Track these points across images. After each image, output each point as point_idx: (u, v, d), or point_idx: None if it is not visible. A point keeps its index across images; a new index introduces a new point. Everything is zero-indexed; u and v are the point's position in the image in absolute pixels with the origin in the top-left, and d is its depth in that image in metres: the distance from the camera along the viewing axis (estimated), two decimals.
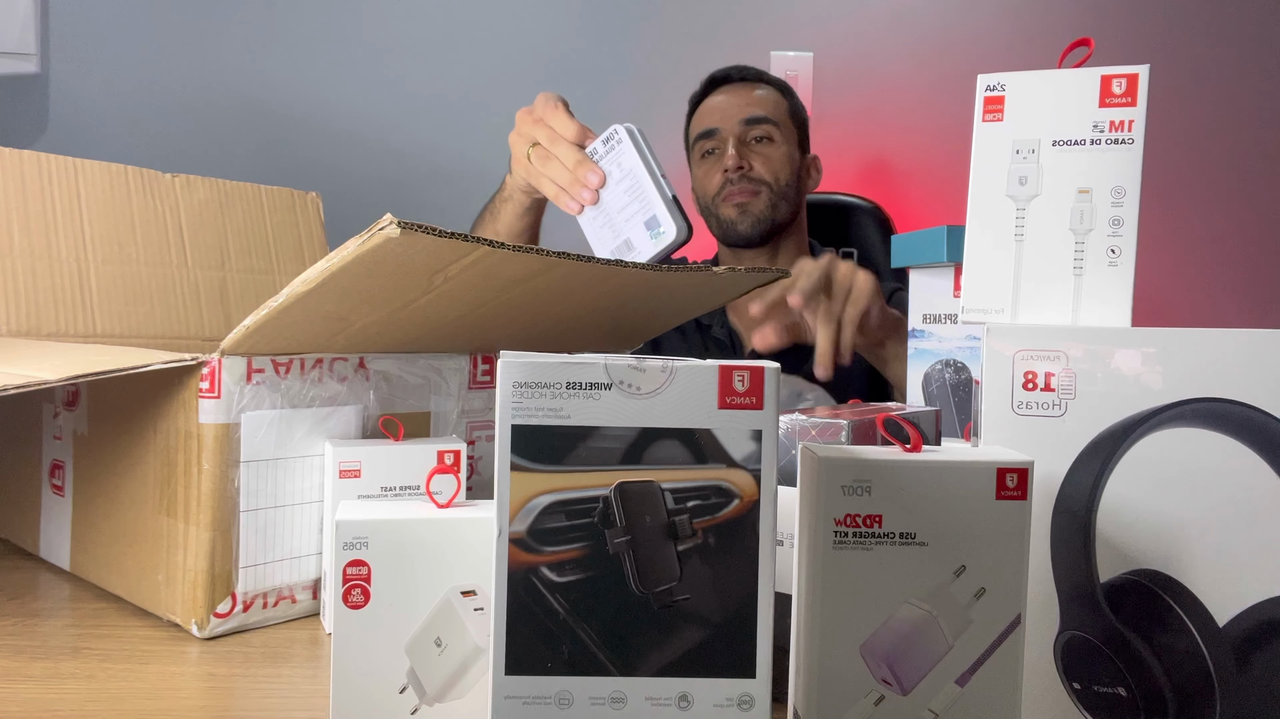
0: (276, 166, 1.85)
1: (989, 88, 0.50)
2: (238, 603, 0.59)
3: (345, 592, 0.43)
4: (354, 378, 0.64)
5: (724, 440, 0.35)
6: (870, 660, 0.36)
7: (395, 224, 0.47)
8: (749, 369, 0.35)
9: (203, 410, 0.57)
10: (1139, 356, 0.44)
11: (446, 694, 0.44)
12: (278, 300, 0.53)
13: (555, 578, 0.35)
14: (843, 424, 0.48)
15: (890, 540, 0.36)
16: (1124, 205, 0.48)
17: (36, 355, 0.65)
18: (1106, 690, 0.44)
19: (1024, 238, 0.49)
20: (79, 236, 0.87)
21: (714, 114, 1.41)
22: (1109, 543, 0.43)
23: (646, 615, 0.35)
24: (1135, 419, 0.43)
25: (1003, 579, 0.36)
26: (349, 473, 0.58)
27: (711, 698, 0.35)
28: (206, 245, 0.97)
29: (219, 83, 1.90)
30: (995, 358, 0.45)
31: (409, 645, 0.43)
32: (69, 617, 0.62)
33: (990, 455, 0.37)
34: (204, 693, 0.50)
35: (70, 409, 0.70)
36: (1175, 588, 0.43)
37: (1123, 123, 0.48)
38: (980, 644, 0.36)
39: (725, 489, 0.35)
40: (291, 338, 0.58)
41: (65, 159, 0.89)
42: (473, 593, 0.43)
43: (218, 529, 0.57)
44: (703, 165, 1.42)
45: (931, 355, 0.80)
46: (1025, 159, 0.49)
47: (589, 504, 0.35)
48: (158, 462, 0.61)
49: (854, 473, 0.36)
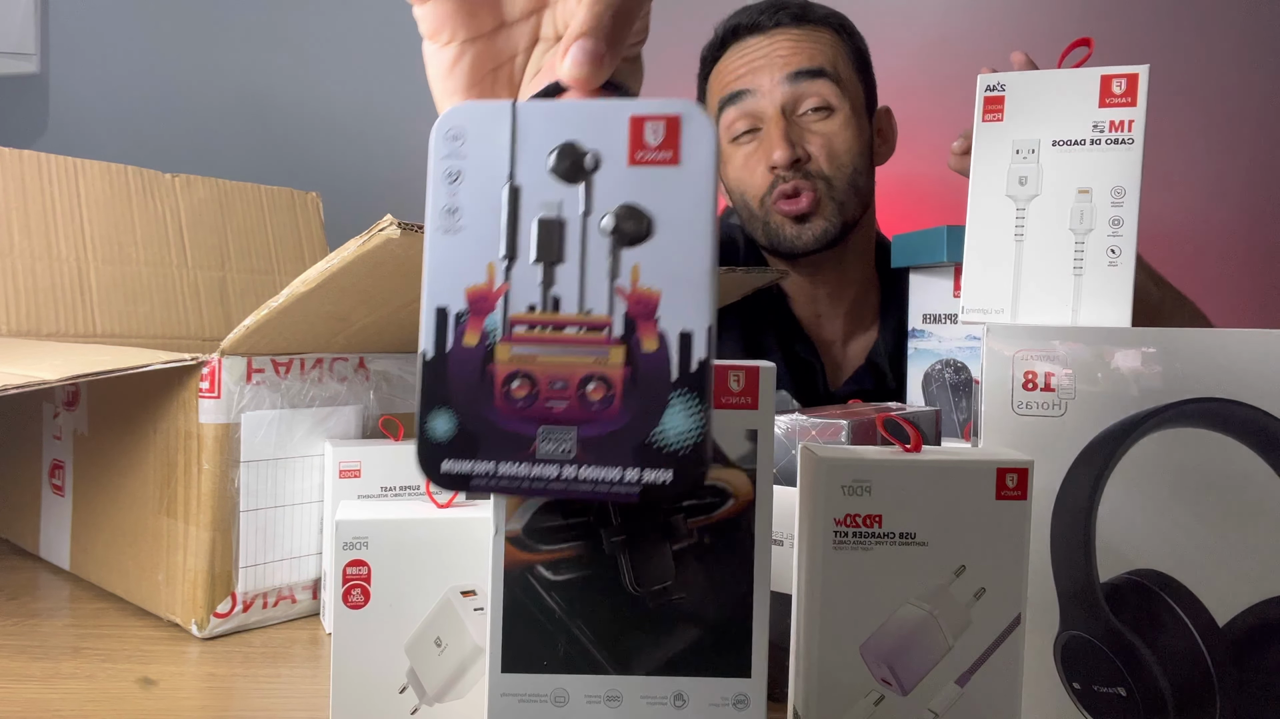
0: (276, 166, 1.86)
1: (989, 88, 0.50)
2: (238, 603, 0.59)
3: (345, 592, 0.43)
4: (354, 378, 0.64)
5: (719, 440, 0.35)
6: (870, 660, 0.36)
7: (395, 224, 0.47)
8: (744, 369, 0.35)
9: (203, 410, 0.57)
10: (1139, 356, 0.43)
11: (446, 694, 0.44)
12: (278, 300, 0.53)
13: (551, 576, 0.35)
14: (843, 424, 0.48)
15: (890, 540, 0.36)
16: (1124, 205, 0.48)
17: (36, 355, 0.65)
18: (1106, 690, 0.44)
19: (1024, 238, 0.49)
20: (79, 236, 0.87)
21: (740, 69, 1.01)
22: (1109, 543, 0.43)
23: (642, 614, 0.35)
24: (1135, 419, 0.43)
25: (1003, 579, 0.36)
26: (349, 473, 0.58)
27: (707, 697, 0.35)
28: (206, 245, 0.97)
29: (219, 83, 1.90)
30: (995, 358, 0.45)
31: (409, 645, 0.43)
32: (69, 617, 0.62)
33: (990, 455, 0.37)
34: (204, 693, 0.50)
35: (70, 409, 0.70)
36: (1175, 588, 0.43)
37: (1123, 123, 0.48)
38: (980, 644, 0.36)
39: (720, 489, 0.35)
40: (291, 338, 0.58)
41: (65, 159, 0.89)
42: (472, 593, 0.43)
43: (218, 529, 0.57)
44: (737, 151, 1.04)
45: (931, 355, 0.80)
46: (1025, 159, 0.49)
47: (585, 503, 0.35)
48: (158, 462, 0.61)
49: (854, 473, 0.36)
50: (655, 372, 0.29)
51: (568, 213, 0.30)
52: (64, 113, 1.91)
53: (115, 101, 1.90)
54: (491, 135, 0.30)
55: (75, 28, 1.90)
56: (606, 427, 0.29)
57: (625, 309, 0.29)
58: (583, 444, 0.30)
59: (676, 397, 0.29)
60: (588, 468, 0.29)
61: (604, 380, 0.30)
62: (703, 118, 0.29)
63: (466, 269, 0.30)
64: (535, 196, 0.30)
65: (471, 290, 0.30)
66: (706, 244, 0.29)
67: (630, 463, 0.29)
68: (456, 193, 0.31)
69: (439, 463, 0.30)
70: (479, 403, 0.30)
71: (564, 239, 0.30)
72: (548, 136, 0.30)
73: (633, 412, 0.29)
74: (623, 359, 0.29)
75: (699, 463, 0.29)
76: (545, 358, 0.30)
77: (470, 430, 0.30)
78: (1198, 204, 1.66)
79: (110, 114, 1.90)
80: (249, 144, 1.90)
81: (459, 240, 0.30)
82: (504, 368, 0.30)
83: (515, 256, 0.30)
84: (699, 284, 0.29)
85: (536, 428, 0.30)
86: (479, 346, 0.30)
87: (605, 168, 0.30)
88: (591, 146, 0.30)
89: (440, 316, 0.30)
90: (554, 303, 0.30)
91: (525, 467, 0.30)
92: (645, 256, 0.29)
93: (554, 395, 0.30)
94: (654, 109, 0.30)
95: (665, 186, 0.30)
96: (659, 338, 0.29)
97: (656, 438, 0.29)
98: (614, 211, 0.30)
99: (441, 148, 0.31)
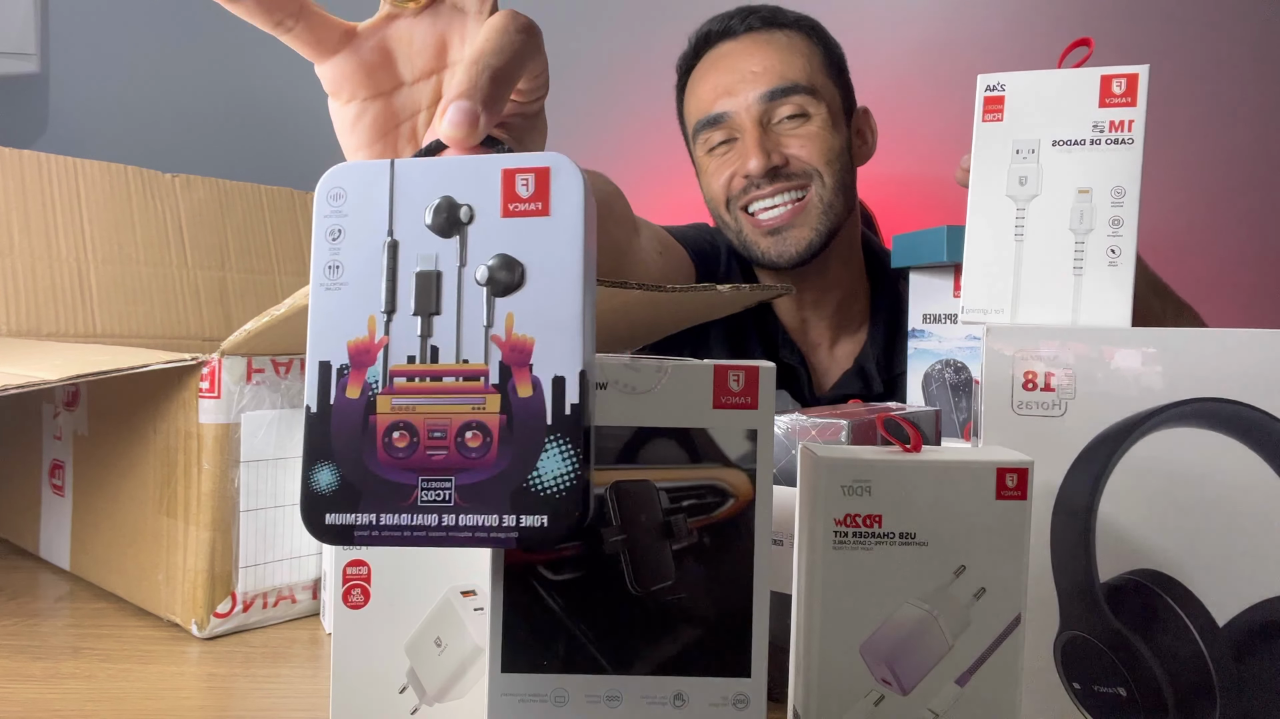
0: (276, 166, 1.86)
1: (989, 88, 0.50)
2: (238, 603, 0.59)
3: (345, 592, 0.43)
4: None
5: (719, 440, 0.35)
6: (870, 660, 0.36)
7: None
8: (744, 369, 0.35)
9: (203, 410, 0.57)
10: (1139, 356, 0.43)
11: (446, 694, 0.44)
12: (279, 310, 0.53)
13: (551, 576, 0.35)
14: (843, 424, 0.48)
15: (890, 540, 0.36)
16: (1124, 205, 0.48)
17: (36, 355, 0.65)
18: (1106, 690, 0.44)
19: (1024, 238, 0.49)
20: (79, 236, 0.88)
21: (717, 90, 1.02)
22: (1109, 543, 0.43)
23: (642, 614, 0.35)
24: (1135, 419, 0.43)
25: (1003, 579, 0.36)
26: None
27: (707, 697, 0.35)
28: (206, 245, 0.97)
29: (219, 83, 1.90)
30: (995, 358, 0.45)
31: (409, 645, 0.43)
32: (69, 617, 0.62)
33: (990, 455, 0.37)
34: (204, 693, 0.50)
35: (70, 409, 0.70)
36: (1175, 588, 0.43)
37: (1123, 123, 0.48)
38: (980, 644, 0.36)
39: (720, 489, 0.35)
40: (292, 339, 0.58)
41: (65, 159, 0.89)
42: (472, 593, 0.43)
43: (218, 529, 0.57)
44: (712, 161, 1.05)
45: (931, 355, 0.80)
46: (1025, 159, 0.49)
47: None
48: (158, 462, 0.61)
49: (854, 473, 0.36)
50: (530, 417, 0.30)
51: (444, 265, 0.31)
52: (64, 113, 1.91)
53: (115, 101, 1.90)
54: (371, 193, 0.31)
55: (75, 28, 1.90)
56: (484, 473, 0.30)
57: (500, 357, 0.30)
58: (461, 492, 0.30)
59: (551, 441, 0.30)
60: (466, 515, 0.30)
61: (481, 427, 0.30)
62: (571, 169, 0.30)
63: (348, 323, 0.31)
64: (413, 250, 0.31)
65: (353, 344, 0.31)
66: (577, 290, 0.30)
67: (507, 509, 0.30)
68: (339, 250, 0.31)
69: (323, 516, 0.30)
70: (361, 454, 0.30)
71: (441, 291, 0.31)
72: (425, 192, 0.31)
73: (509, 458, 0.30)
74: (499, 406, 0.30)
75: (575, 505, 0.29)
76: (425, 407, 0.30)
77: (352, 482, 0.30)
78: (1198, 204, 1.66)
79: (110, 114, 1.90)
80: (249, 144, 1.90)
81: (341, 296, 0.31)
82: (385, 419, 0.30)
83: (395, 310, 0.31)
84: (570, 329, 0.30)
85: (417, 477, 0.30)
86: (360, 398, 0.31)
87: (479, 220, 0.31)
88: (466, 200, 0.31)
89: (324, 370, 0.31)
90: (433, 353, 0.31)
91: (406, 516, 0.30)
92: (519, 305, 0.30)
93: (433, 444, 0.30)
94: (524, 162, 0.30)
95: (537, 236, 0.30)
96: (533, 384, 0.30)
97: (533, 482, 0.30)
98: (487, 263, 0.30)
99: (324, 207, 0.31)
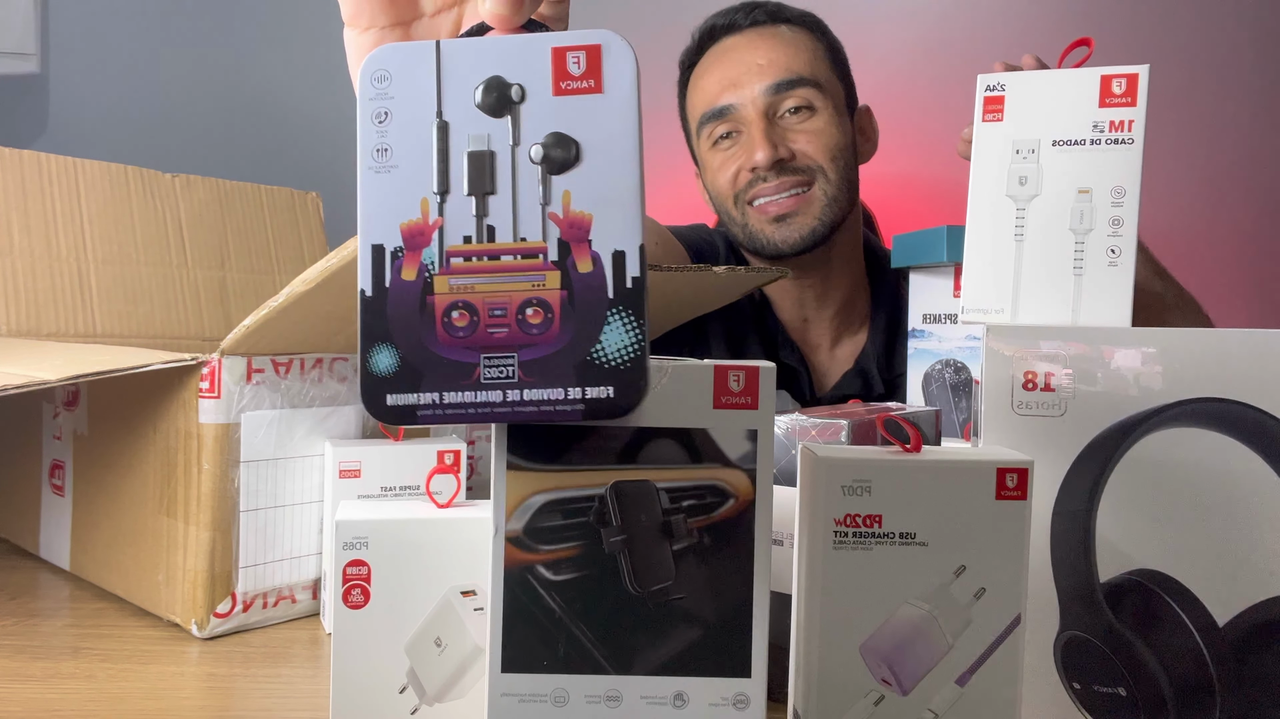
0: (276, 166, 1.86)
1: (989, 88, 0.50)
2: (238, 603, 0.59)
3: (345, 592, 0.43)
4: (354, 378, 0.63)
5: (719, 440, 0.35)
6: (870, 660, 0.36)
7: None
8: (744, 369, 0.35)
9: (203, 410, 0.57)
10: (1139, 356, 0.43)
11: (446, 694, 0.44)
12: (278, 300, 0.53)
13: (551, 576, 0.35)
14: (843, 424, 0.48)
15: (890, 540, 0.36)
16: (1124, 205, 0.48)
17: (36, 355, 0.65)
18: (1106, 690, 0.44)
19: (1024, 238, 0.49)
20: (79, 236, 0.88)
21: (722, 83, 1.01)
22: (1109, 543, 0.43)
23: (642, 614, 0.35)
24: (1135, 419, 0.43)
25: (1003, 579, 0.36)
26: (349, 473, 0.58)
27: (707, 697, 0.35)
28: (206, 245, 0.97)
29: (219, 83, 1.90)
30: (995, 358, 0.45)
31: (409, 645, 0.43)
32: (69, 617, 0.62)
33: (990, 455, 0.37)
34: (204, 693, 0.50)
35: (70, 409, 0.70)
36: (1175, 588, 0.43)
37: (1123, 123, 0.48)
38: (980, 644, 0.36)
39: (721, 489, 0.35)
40: (291, 338, 0.58)
41: (65, 159, 0.89)
42: (472, 593, 0.43)
43: (218, 529, 0.57)
44: (715, 154, 1.04)
45: (931, 355, 0.80)
46: (1025, 159, 0.49)
47: (585, 503, 0.35)
48: (158, 462, 0.61)
49: (854, 473, 0.36)
50: (591, 291, 0.30)
51: (497, 145, 0.31)
52: (64, 113, 1.91)
53: (115, 101, 1.90)
54: (417, 75, 0.31)
55: (75, 28, 1.90)
56: (547, 348, 0.30)
57: (559, 234, 0.30)
58: (525, 367, 0.30)
59: (614, 314, 0.30)
60: (531, 390, 0.30)
61: (542, 304, 0.30)
62: (623, 45, 0.30)
63: (401, 205, 0.31)
64: (464, 131, 0.31)
65: (406, 226, 0.31)
66: (634, 166, 0.30)
67: (572, 382, 0.30)
68: (386, 132, 0.31)
69: (384, 397, 0.30)
70: (420, 335, 0.30)
71: (495, 170, 0.31)
72: (473, 72, 0.31)
73: (572, 332, 0.30)
74: (559, 282, 0.30)
75: (639, 376, 0.30)
76: (483, 286, 0.30)
77: (413, 363, 0.30)
78: (1198, 204, 1.66)
79: (110, 114, 1.89)
80: (249, 144, 1.90)
81: (391, 179, 0.31)
82: (443, 299, 0.30)
83: (448, 190, 0.31)
84: (629, 204, 0.30)
85: (479, 355, 0.30)
86: (417, 280, 0.31)
87: (531, 99, 0.30)
88: (516, 79, 0.31)
89: (377, 254, 0.31)
90: (489, 233, 0.31)
91: (470, 394, 0.30)
92: (575, 182, 0.30)
93: (494, 322, 0.30)
94: (575, 40, 0.31)
95: (591, 114, 0.30)
96: (593, 259, 0.30)
97: (597, 355, 0.30)
98: (542, 141, 0.30)
99: (368, 89, 0.31)
